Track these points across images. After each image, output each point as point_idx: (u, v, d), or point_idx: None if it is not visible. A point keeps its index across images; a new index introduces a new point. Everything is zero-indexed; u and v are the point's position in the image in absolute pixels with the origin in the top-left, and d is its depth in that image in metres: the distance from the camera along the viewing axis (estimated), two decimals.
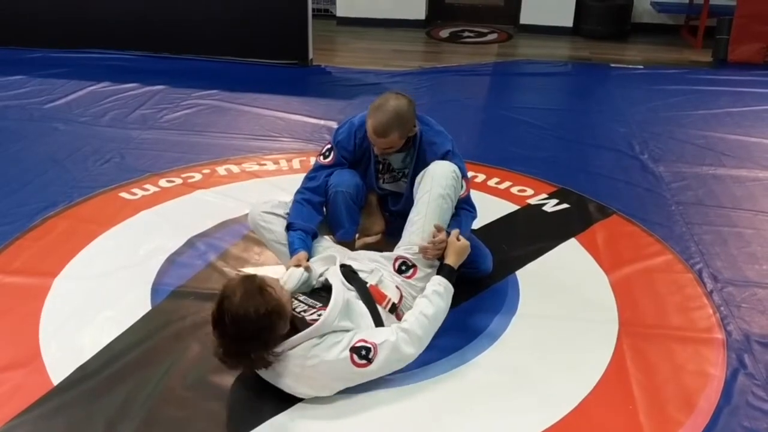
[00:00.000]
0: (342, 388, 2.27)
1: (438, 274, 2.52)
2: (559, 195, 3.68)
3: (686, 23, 7.40)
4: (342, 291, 2.32)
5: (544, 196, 3.68)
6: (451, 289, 2.48)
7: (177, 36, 6.00)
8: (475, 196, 3.59)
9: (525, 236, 3.29)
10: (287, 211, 2.79)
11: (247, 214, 3.20)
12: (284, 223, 2.75)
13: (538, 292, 2.87)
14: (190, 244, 3.15)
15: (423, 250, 2.57)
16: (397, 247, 2.66)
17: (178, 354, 2.45)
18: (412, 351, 2.31)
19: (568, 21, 7.37)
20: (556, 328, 2.66)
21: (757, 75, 5.89)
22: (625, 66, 6.25)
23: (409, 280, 2.56)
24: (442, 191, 2.60)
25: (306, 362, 2.18)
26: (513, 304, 2.79)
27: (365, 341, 2.23)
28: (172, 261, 3.02)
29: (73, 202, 3.49)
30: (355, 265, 2.53)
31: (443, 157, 2.71)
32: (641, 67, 6.23)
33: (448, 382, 2.38)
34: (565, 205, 3.58)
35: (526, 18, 7.51)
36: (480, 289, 2.86)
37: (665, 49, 6.91)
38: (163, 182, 3.74)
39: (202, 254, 3.07)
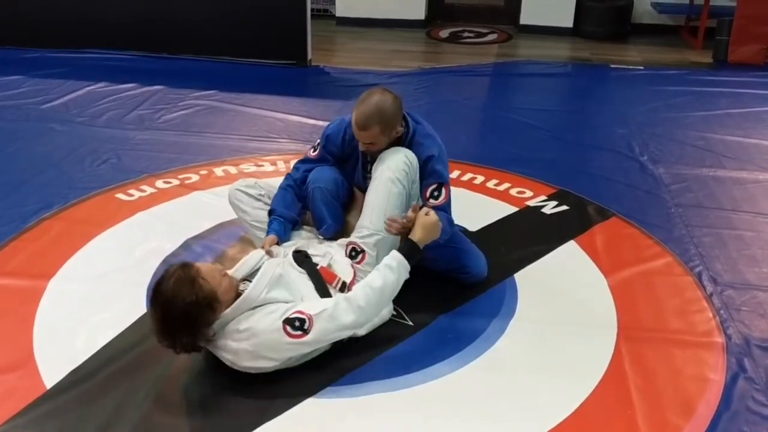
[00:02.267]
0: (282, 359, 2.27)
1: (399, 249, 2.47)
2: (558, 197, 3.66)
3: (686, 24, 7.38)
4: (273, 265, 2.37)
5: (543, 197, 3.65)
6: (405, 264, 2.42)
7: (175, 36, 5.98)
8: (474, 197, 3.63)
9: (523, 238, 3.27)
10: (260, 192, 2.90)
11: None
12: (253, 202, 2.87)
13: (537, 296, 2.85)
14: (186, 245, 3.13)
15: (389, 223, 2.54)
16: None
17: (172, 358, 2.41)
18: (350, 319, 2.31)
19: (568, 21, 7.35)
20: (554, 332, 2.64)
21: (758, 76, 5.86)
22: (625, 67, 6.23)
23: (359, 266, 2.57)
24: (391, 175, 2.59)
25: (240, 335, 2.22)
26: (511, 308, 2.76)
27: (301, 312, 2.25)
28: (168, 263, 2.98)
29: (69, 203, 3.47)
30: (310, 251, 2.60)
31: (426, 162, 2.67)
32: (641, 68, 6.21)
33: (444, 387, 2.35)
34: (564, 207, 3.56)
35: (526, 18, 7.49)
36: (477, 292, 2.83)
37: (665, 50, 6.89)
38: (159, 183, 3.72)
39: (198, 256, 3.04)
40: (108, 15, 5.97)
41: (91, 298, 2.77)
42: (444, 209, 2.69)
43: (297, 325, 2.23)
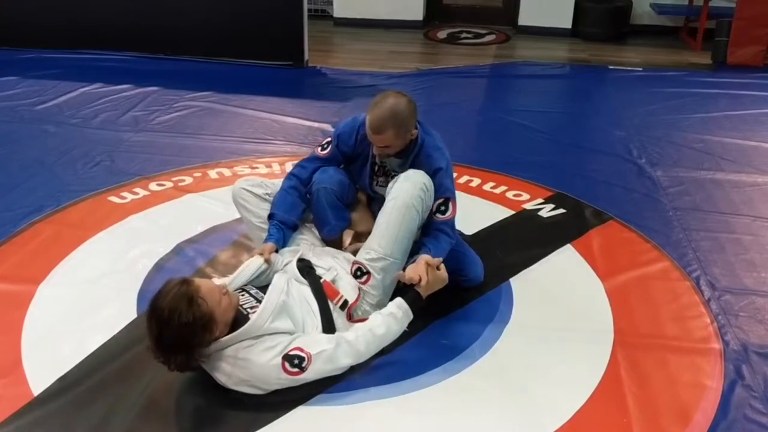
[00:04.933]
0: (275, 389, 2.24)
1: (403, 295, 2.44)
2: (555, 200, 3.63)
3: (685, 25, 7.35)
4: (278, 292, 2.32)
5: (540, 201, 3.62)
6: (410, 315, 2.42)
7: (171, 37, 5.94)
8: (470, 201, 3.60)
9: (520, 242, 3.24)
10: (267, 191, 2.81)
11: (236, 219, 3.17)
12: (260, 203, 2.78)
13: (532, 301, 2.82)
14: (179, 249, 3.10)
15: (400, 275, 2.49)
16: (362, 248, 2.63)
17: (162, 365, 2.39)
18: (347, 363, 2.31)
19: (566, 22, 7.32)
20: (550, 338, 2.61)
21: (757, 78, 5.83)
22: (623, 68, 6.19)
23: (363, 286, 2.53)
24: (408, 200, 2.52)
25: (237, 363, 2.19)
26: (506, 313, 2.73)
27: (301, 350, 2.22)
28: (159, 267, 2.97)
29: (61, 206, 3.44)
30: (314, 260, 2.56)
31: (434, 174, 2.63)
32: (640, 69, 6.17)
33: (437, 394, 2.32)
34: (561, 211, 3.53)
35: (524, 19, 7.46)
36: (472, 296, 2.80)
37: (664, 51, 6.85)
38: (153, 186, 3.68)
39: (190, 260, 3.02)
40: (103, 16, 5.94)
41: (80, 303, 2.73)
42: (450, 224, 2.66)
43: (296, 362, 2.20)
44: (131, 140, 4.31)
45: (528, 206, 3.57)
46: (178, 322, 2.08)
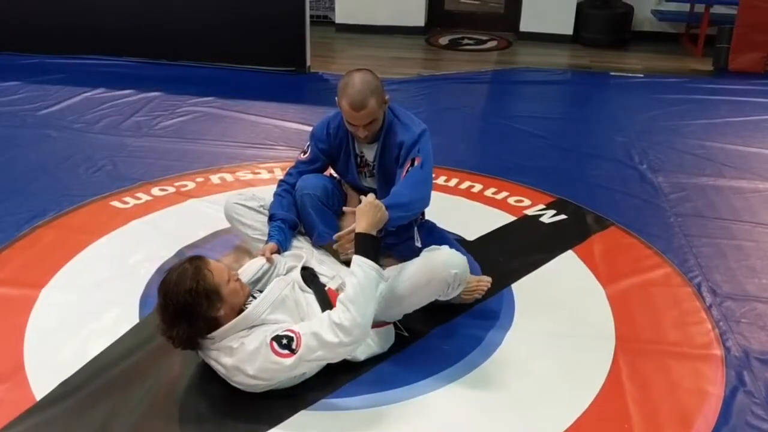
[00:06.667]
0: (270, 379, 2.20)
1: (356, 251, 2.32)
2: (556, 206, 3.63)
3: (687, 32, 7.36)
4: (279, 286, 2.34)
5: (542, 206, 3.62)
6: (361, 260, 2.25)
7: (174, 42, 5.96)
8: (472, 206, 3.62)
9: (521, 248, 3.24)
10: (260, 204, 2.88)
11: None
12: (254, 215, 2.84)
13: (534, 306, 2.82)
14: (181, 254, 3.09)
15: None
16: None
17: (164, 368, 2.40)
18: (331, 338, 2.16)
19: (568, 28, 7.33)
20: (551, 344, 2.61)
21: (758, 84, 5.83)
22: (624, 74, 6.20)
23: None
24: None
25: (233, 351, 2.19)
26: (507, 319, 2.73)
27: (291, 330, 2.19)
28: (162, 272, 2.94)
29: (63, 211, 3.44)
30: (317, 268, 2.57)
31: (420, 135, 2.66)
32: (641, 75, 6.18)
33: (439, 400, 2.32)
34: (562, 216, 3.53)
35: (526, 25, 7.46)
36: (474, 302, 2.79)
37: (665, 58, 6.86)
38: (155, 191, 3.69)
39: None
40: (106, 21, 5.95)
41: (83, 307, 2.74)
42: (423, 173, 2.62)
43: (285, 343, 2.16)
44: (134, 145, 4.31)
45: (529, 212, 3.58)
46: (182, 289, 2.13)
